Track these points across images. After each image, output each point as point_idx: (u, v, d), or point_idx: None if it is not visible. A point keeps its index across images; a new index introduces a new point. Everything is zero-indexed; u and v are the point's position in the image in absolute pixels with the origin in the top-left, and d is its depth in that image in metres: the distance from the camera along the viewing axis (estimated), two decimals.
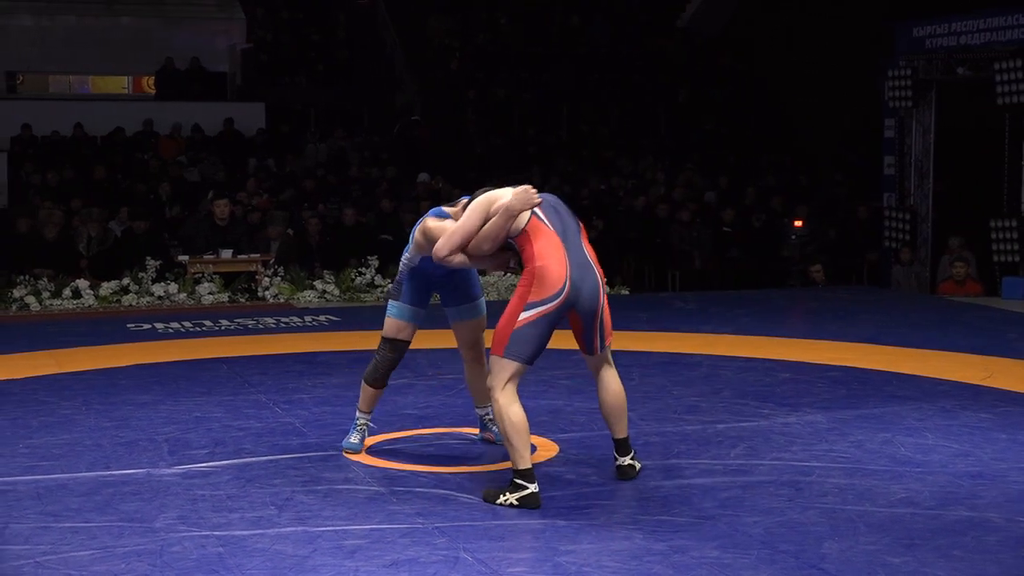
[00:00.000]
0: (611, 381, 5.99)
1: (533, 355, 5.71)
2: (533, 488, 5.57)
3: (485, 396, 6.56)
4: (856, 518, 5.32)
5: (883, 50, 16.41)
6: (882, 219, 16.19)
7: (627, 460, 6.03)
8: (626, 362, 9.11)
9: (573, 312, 5.79)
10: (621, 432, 6.03)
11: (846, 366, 9.05)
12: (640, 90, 21.91)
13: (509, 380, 5.67)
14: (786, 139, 21.25)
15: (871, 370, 8.91)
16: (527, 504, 5.56)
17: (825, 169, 20.07)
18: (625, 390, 5.98)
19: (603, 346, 5.92)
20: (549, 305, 5.66)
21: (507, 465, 5.75)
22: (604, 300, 5.86)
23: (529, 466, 5.60)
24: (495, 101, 21.36)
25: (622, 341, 10.13)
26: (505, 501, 5.58)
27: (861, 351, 9.76)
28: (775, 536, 5.08)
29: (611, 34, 23.17)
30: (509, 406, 5.63)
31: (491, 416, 6.63)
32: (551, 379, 8.31)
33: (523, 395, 7.70)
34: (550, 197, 5.96)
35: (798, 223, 16.46)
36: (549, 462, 6.31)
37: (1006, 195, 14.79)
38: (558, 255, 5.73)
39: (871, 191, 17.26)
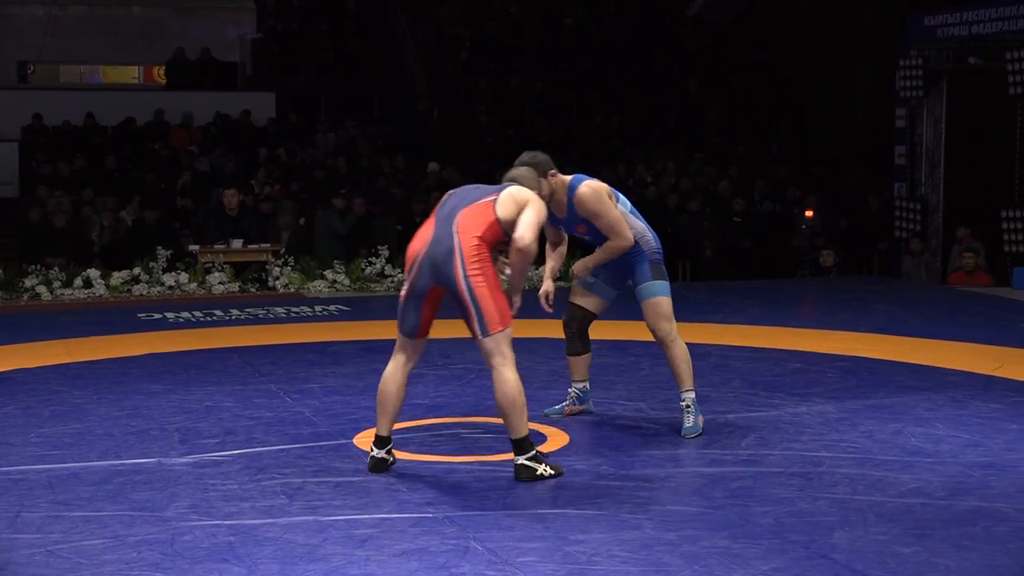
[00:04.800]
0: (496, 380, 5.70)
1: (402, 328, 5.90)
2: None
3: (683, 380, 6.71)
4: (866, 508, 5.32)
5: (895, 39, 16.35)
6: (893, 209, 16.15)
7: None
8: (636, 352, 9.13)
9: (440, 289, 5.79)
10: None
11: (856, 356, 9.04)
12: (652, 80, 21.85)
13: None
14: (799, 128, 21.19)
15: (881, 360, 8.90)
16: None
17: (837, 159, 20.02)
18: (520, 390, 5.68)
19: (483, 331, 5.67)
20: (406, 283, 5.85)
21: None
22: (469, 280, 5.63)
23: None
24: (506, 91, 21.32)
25: (631, 331, 10.11)
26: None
27: (871, 341, 9.75)
28: (785, 526, 5.08)
29: (623, 23, 23.12)
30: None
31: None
32: (561, 369, 8.29)
33: (538, 386, 7.76)
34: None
35: (809, 213, 16.43)
36: (559, 452, 6.30)
37: (1017, 185, 14.74)
38: (420, 233, 5.87)
39: (882, 181, 17.22)
